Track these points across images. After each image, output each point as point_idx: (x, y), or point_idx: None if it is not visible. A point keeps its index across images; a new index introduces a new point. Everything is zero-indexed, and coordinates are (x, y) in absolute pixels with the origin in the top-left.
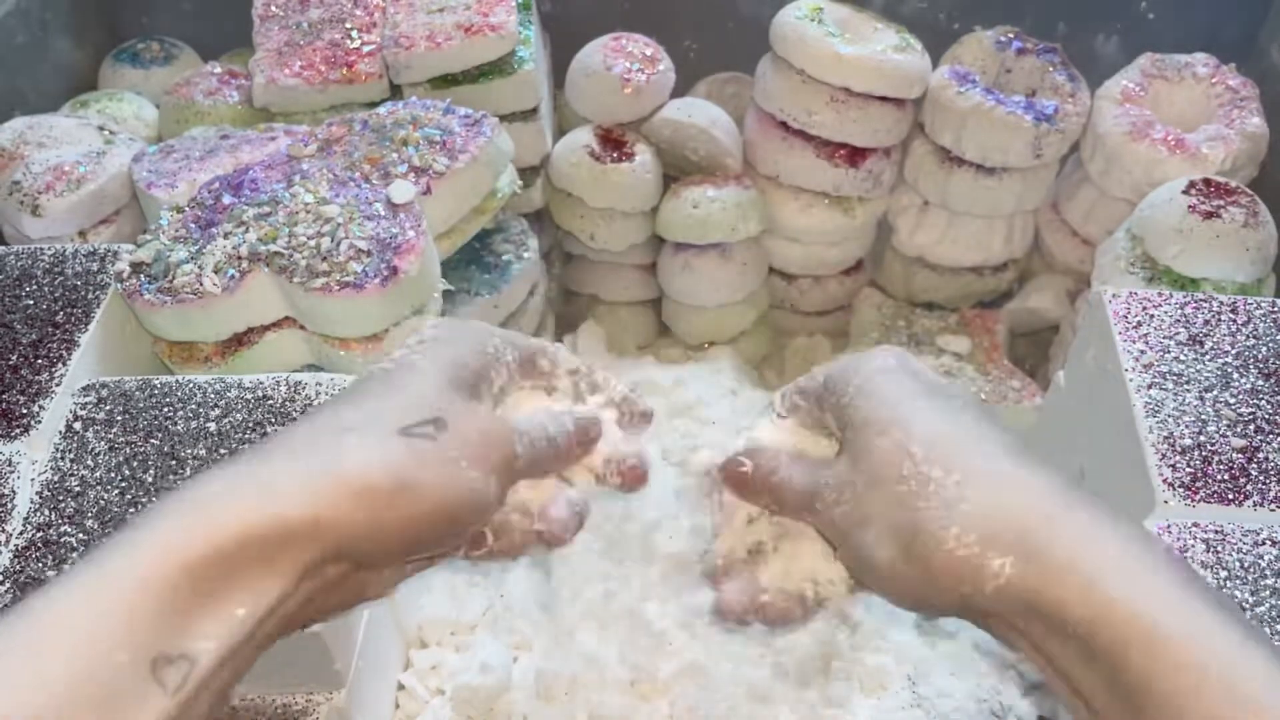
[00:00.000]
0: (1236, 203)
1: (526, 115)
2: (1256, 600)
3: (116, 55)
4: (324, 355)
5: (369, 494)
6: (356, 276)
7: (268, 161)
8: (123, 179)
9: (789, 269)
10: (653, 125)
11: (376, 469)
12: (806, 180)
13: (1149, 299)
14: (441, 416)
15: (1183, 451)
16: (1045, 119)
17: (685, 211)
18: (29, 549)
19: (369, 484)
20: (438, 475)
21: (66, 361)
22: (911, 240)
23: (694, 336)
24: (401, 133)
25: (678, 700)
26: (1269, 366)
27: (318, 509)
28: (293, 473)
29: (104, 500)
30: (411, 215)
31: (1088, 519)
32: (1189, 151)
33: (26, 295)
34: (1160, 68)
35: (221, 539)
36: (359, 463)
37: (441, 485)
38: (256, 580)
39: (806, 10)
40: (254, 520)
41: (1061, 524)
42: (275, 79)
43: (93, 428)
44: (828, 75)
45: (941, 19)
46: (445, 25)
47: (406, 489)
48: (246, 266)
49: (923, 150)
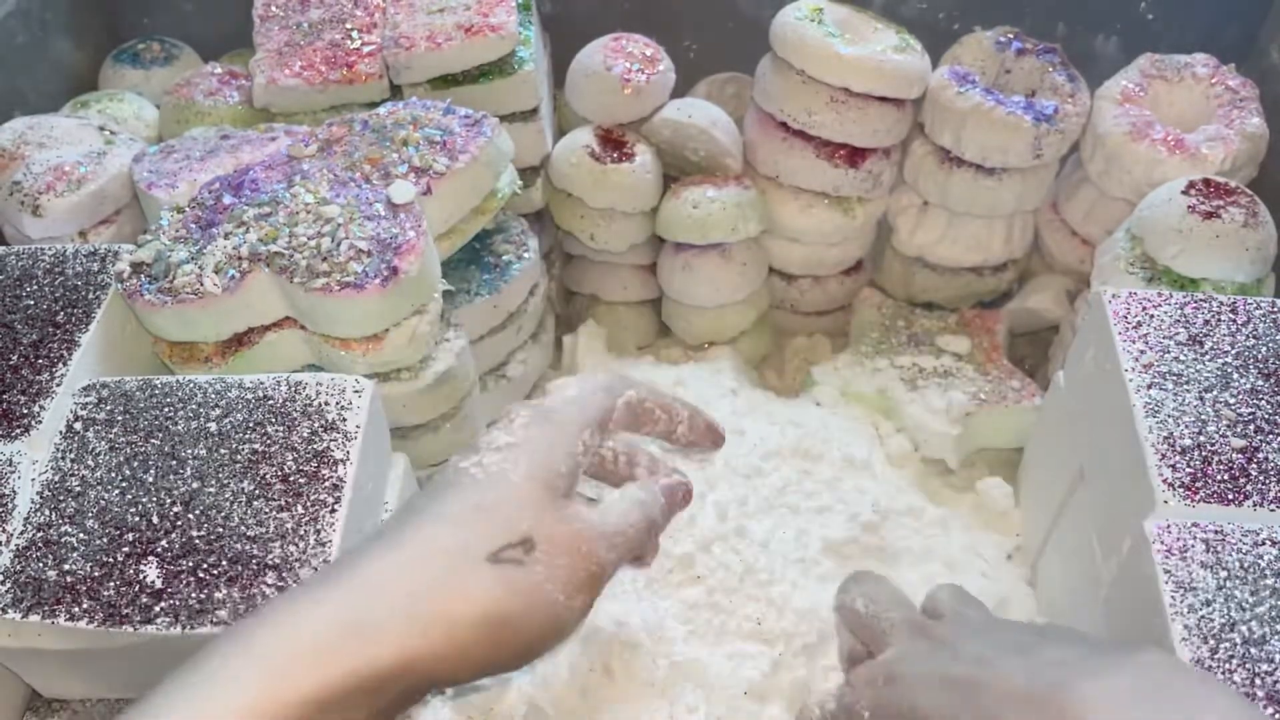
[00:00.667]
0: (1236, 203)
1: (526, 115)
2: (1256, 600)
3: (117, 55)
4: (324, 355)
5: (458, 631)
6: (357, 276)
7: (268, 162)
8: (123, 179)
9: (789, 269)
10: (653, 125)
11: (467, 607)
12: (806, 180)
13: (1149, 299)
14: (530, 536)
15: (1182, 451)
16: (1045, 119)
17: (685, 211)
18: (29, 549)
19: (458, 621)
20: (525, 605)
21: (67, 361)
22: (911, 240)
23: (694, 336)
24: (402, 133)
25: (678, 700)
26: (1269, 366)
27: (407, 650)
28: (386, 611)
29: (105, 500)
30: (412, 215)
31: (1099, 684)
32: (1189, 152)
33: (27, 295)
34: (1160, 68)
35: (314, 691)
36: (449, 599)
37: (528, 614)
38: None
39: (806, 10)
40: (346, 670)
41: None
42: (275, 79)
43: (93, 428)
44: (828, 75)
45: (941, 19)
46: (445, 25)
47: (493, 623)
48: (247, 267)
49: (922, 150)
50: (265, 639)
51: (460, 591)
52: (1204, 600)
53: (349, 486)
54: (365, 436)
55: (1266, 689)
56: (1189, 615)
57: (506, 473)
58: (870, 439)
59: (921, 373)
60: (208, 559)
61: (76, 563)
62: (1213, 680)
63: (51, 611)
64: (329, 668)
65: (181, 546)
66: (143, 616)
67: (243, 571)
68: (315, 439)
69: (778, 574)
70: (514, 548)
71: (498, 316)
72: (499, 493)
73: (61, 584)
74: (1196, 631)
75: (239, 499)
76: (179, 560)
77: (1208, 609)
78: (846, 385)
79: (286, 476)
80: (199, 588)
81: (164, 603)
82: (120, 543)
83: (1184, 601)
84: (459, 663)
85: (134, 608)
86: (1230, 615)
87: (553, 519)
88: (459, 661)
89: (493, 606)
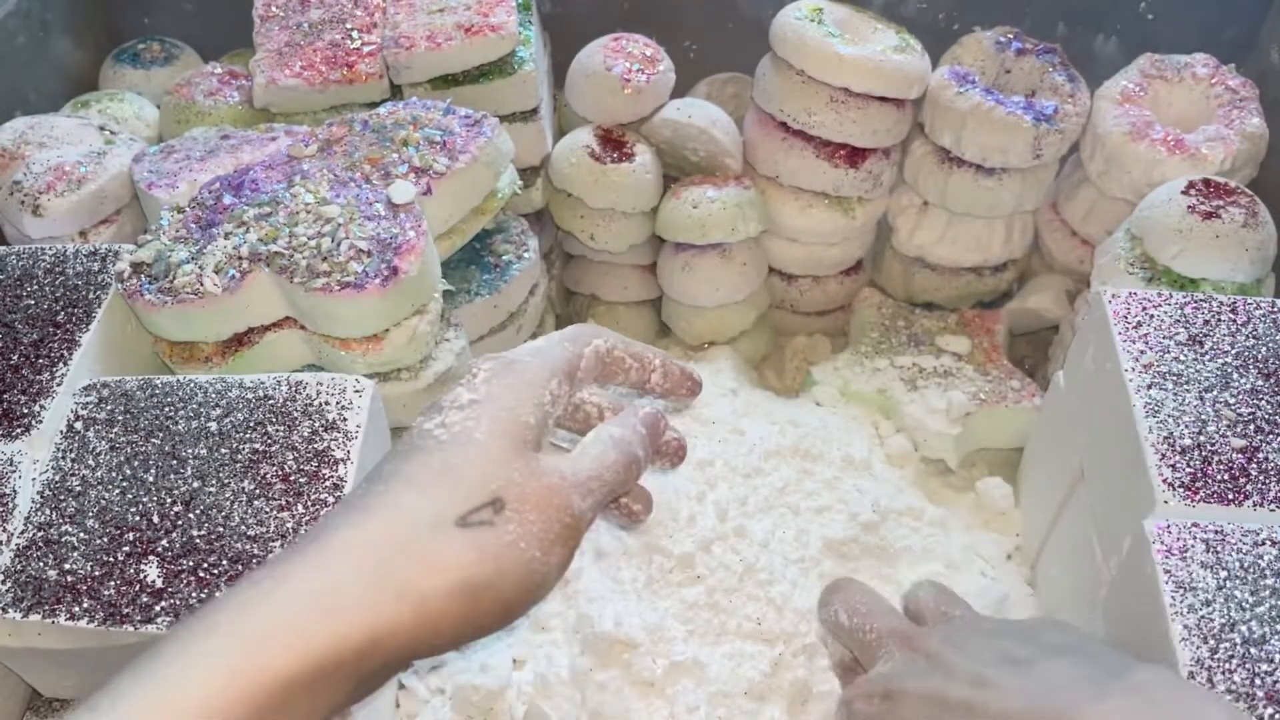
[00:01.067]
0: (1236, 203)
1: (527, 115)
2: (1256, 600)
3: (117, 56)
4: (324, 355)
5: (430, 603)
6: (357, 276)
7: (268, 162)
8: (123, 179)
9: (789, 269)
10: (653, 125)
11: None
12: (806, 180)
13: (1149, 299)
14: (499, 496)
15: (1182, 451)
16: (1045, 119)
17: (685, 211)
18: (30, 549)
19: (429, 592)
20: (499, 567)
21: (67, 361)
22: (911, 240)
23: (694, 336)
24: (402, 133)
25: (678, 700)
26: (1269, 366)
27: (379, 625)
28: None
29: (105, 500)
30: (412, 215)
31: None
32: (1188, 152)
33: (27, 295)
34: (1160, 68)
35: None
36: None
37: (503, 577)
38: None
39: (806, 11)
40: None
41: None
42: (276, 79)
43: (94, 427)
44: (828, 75)
45: (941, 19)
46: (445, 25)
47: (468, 591)
48: (247, 267)
49: (922, 150)
50: (230, 619)
51: (430, 561)
52: (1204, 600)
53: (349, 486)
54: (365, 436)
55: (1266, 689)
56: (1189, 615)
57: (470, 431)
58: (870, 439)
59: (921, 373)
60: (208, 559)
61: (77, 562)
62: (1212, 696)
63: (52, 611)
64: (297, 647)
65: (182, 546)
66: (143, 616)
67: (243, 571)
68: (315, 439)
69: (778, 574)
70: (483, 509)
71: (498, 316)
72: (464, 453)
73: (62, 584)
74: (1196, 631)
75: (239, 499)
76: (179, 560)
77: (1208, 609)
78: (846, 385)
79: (287, 476)
80: (199, 587)
81: (164, 602)
82: (120, 542)
83: (1184, 601)
84: (435, 634)
85: (134, 607)
86: (1230, 615)
87: (522, 475)
88: (434, 633)
89: (465, 574)
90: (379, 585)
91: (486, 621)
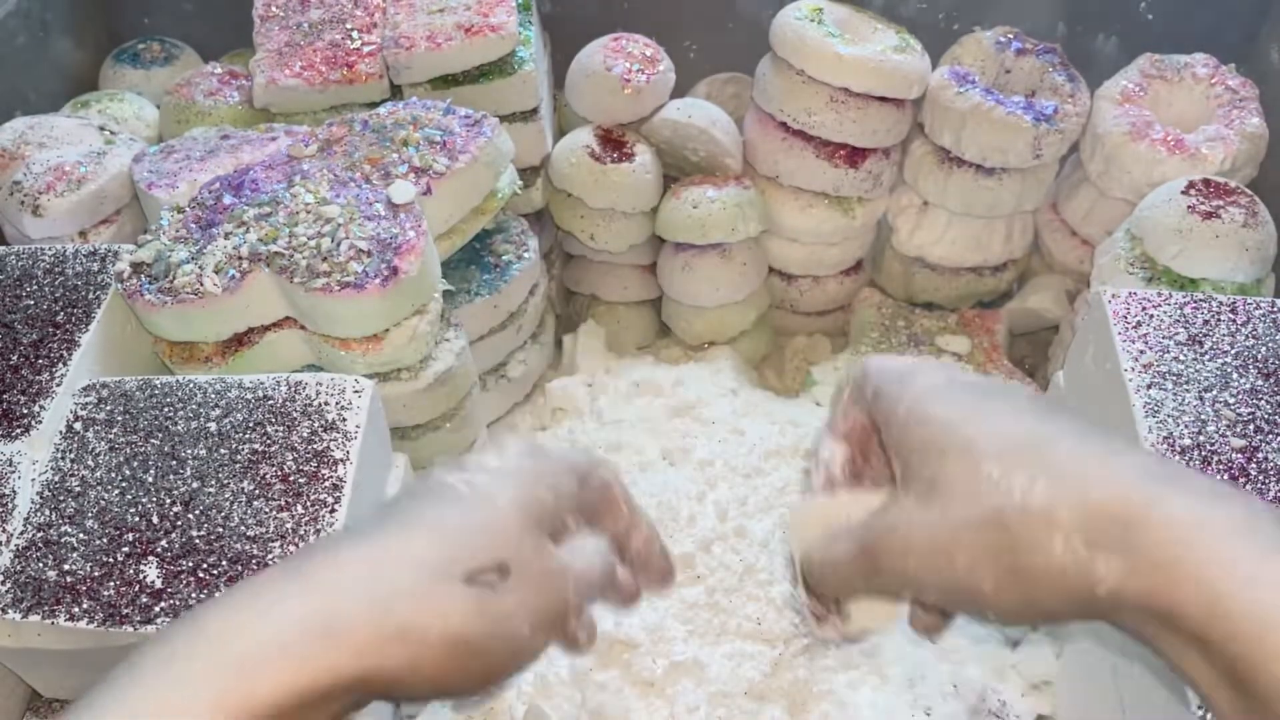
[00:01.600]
0: (1236, 203)
1: (526, 115)
2: None
3: (117, 56)
4: (324, 355)
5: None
6: (357, 276)
7: (268, 162)
8: (123, 179)
9: (789, 269)
10: (653, 125)
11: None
12: (806, 180)
13: (1148, 299)
14: (506, 562)
15: (1183, 451)
16: (1045, 119)
17: (685, 211)
18: (29, 549)
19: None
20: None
21: (67, 361)
22: (911, 240)
23: (694, 336)
24: (402, 133)
25: (678, 700)
26: (1268, 366)
27: (372, 661)
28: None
29: (104, 500)
30: (412, 215)
31: (1190, 500)
32: (1188, 152)
33: (27, 295)
34: (1160, 68)
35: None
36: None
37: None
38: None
39: (806, 10)
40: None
41: (1162, 511)
42: (276, 79)
43: (93, 428)
44: (827, 75)
45: (941, 19)
46: (445, 25)
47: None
48: (247, 267)
49: (922, 150)
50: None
51: (434, 608)
52: None
53: (349, 486)
54: (365, 436)
55: None
56: None
57: (494, 496)
58: None
59: None
60: (208, 559)
61: (76, 563)
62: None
63: (51, 611)
64: (292, 672)
65: (181, 546)
66: (143, 616)
67: (243, 571)
68: (315, 439)
69: (778, 574)
70: (490, 572)
71: (498, 316)
72: (484, 514)
73: (61, 584)
74: None
75: (239, 499)
76: (179, 560)
77: None
78: None
79: (286, 476)
80: (199, 588)
81: (164, 603)
82: (120, 543)
83: None
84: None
85: (134, 608)
86: None
87: (530, 551)
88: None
89: (465, 628)
90: (381, 623)
91: (466, 683)
